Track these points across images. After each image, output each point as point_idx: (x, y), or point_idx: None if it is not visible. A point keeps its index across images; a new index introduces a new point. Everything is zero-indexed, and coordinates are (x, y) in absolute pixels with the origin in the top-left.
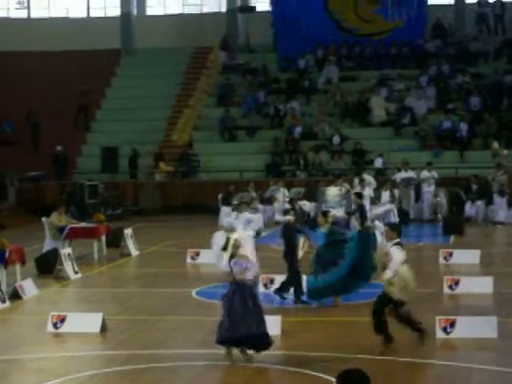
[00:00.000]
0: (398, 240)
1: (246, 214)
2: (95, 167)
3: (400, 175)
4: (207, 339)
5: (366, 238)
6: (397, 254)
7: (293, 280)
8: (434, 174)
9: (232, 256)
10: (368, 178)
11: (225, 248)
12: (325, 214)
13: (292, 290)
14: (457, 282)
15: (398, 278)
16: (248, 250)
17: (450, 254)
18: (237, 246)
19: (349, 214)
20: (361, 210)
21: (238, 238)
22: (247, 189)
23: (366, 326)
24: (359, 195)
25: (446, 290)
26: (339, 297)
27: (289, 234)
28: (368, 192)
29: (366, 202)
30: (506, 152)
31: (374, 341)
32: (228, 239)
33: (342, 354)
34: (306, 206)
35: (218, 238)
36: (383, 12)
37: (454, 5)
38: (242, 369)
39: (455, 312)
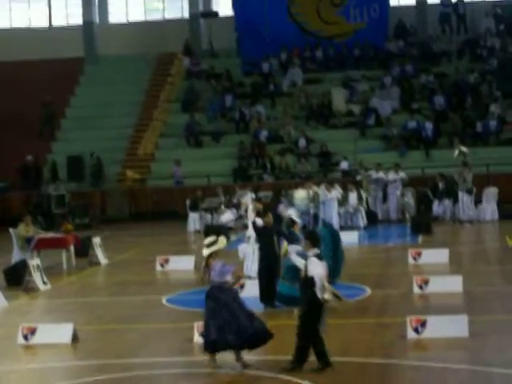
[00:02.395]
0: (317, 251)
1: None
2: (61, 176)
3: (371, 174)
4: (179, 347)
5: (336, 235)
6: (319, 269)
7: (261, 280)
8: (403, 174)
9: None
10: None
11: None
12: (293, 222)
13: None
14: (426, 282)
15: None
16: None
17: (419, 254)
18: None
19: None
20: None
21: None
22: (217, 193)
23: (339, 328)
24: None
25: (416, 290)
26: None
27: (267, 236)
28: (335, 194)
29: (334, 204)
30: (466, 150)
31: (343, 343)
32: (214, 241)
33: (313, 357)
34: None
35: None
36: (345, 14)
37: (416, 6)
38: (218, 375)
39: (426, 312)
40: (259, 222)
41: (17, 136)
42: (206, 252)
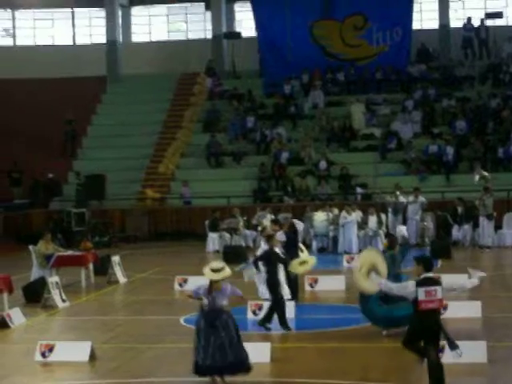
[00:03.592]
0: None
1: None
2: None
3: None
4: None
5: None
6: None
7: (276, 308)
8: (422, 199)
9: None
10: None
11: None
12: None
13: (276, 317)
14: (445, 307)
15: None
16: None
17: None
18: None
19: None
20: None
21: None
22: (234, 214)
23: (356, 352)
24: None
25: None
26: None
27: (271, 261)
28: (354, 217)
29: (353, 227)
30: (487, 174)
31: (362, 367)
32: (222, 268)
33: (332, 380)
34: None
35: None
36: (368, 37)
37: (439, 29)
38: None
39: (443, 337)
40: (263, 246)
41: (38, 154)
42: (215, 276)
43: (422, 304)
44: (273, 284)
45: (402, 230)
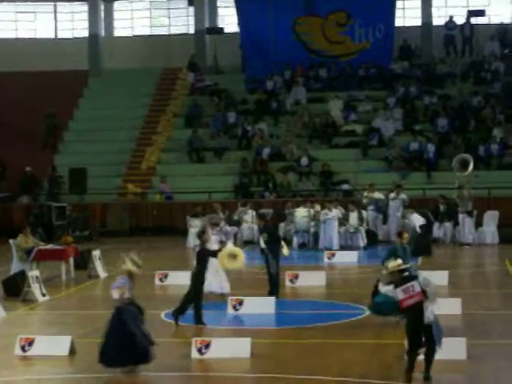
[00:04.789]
0: None
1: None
2: (63, 188)
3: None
4: (177, 362)
5: None
6: None
7: (193, 301)
8: (404, 196)
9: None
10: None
11: None
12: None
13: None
14: None
15: None
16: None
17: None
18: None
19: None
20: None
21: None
22: (215, 210)
23: (336, 348)
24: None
25: None
26: None
27: (203, 257)
28: (335, 213)
29: (334, 223)
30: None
31: (343, 363)
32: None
33: (312, 376)
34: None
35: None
36: (350, 34)
37: (421, 27)
38: None
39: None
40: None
41: (19, 147)
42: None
43: (403, 303)
44: (199, 279)
45: (414, 218)
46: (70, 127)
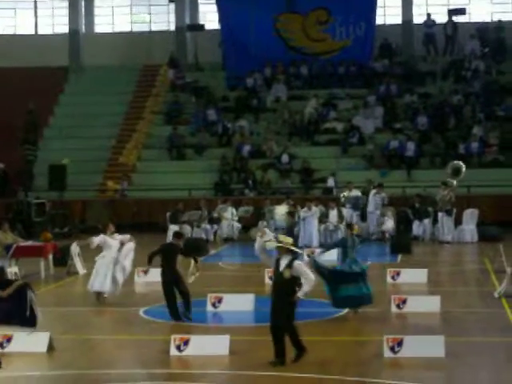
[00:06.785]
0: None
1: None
2: (43, 185)
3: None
4: (155, 359)
5: None
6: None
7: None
8: (383, 194)
9: None
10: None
11: None
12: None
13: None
14: (404, 301)
15: None
16: None
17: (398, 273)
18: None
19: None
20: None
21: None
22: (200, 206)
23: (314, 346)
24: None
25: (394, 309)
26: None
27: (174, 254)
28: (315, 211)
29: (314, 221)
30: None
31: (321, 360)
32: None
33: (290, 373)
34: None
35: None
36: (331, 31)
37: (402, 25)
38: None
39: (403, 331)
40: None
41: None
42: None
43: None
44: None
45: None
46: (51, 123)
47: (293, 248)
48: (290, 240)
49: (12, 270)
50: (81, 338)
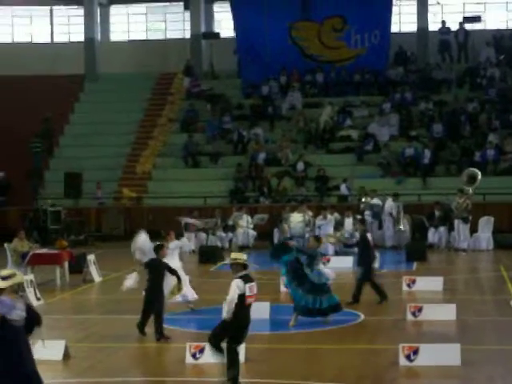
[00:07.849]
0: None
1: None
2: (58, 193)
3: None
4: (171, 367)
5: None
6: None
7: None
8: (399, 204)
9: None
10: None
11: None
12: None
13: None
14: (420, 309)
15: None
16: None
17: (413, 281)
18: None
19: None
20: None
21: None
22: (215, 215)
23: (330, 354)
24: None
25: (410, 317)
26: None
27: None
28: (331, 218)
29: (329, 229)
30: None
31: (337, 368)
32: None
33: (306, 381)
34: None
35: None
36: (346, 39)
37: (417, 33)
38: None
39: (418, 339)
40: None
41: (14, 151)
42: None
43: (247, 299)
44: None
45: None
46: (66, 131)
47: (246, 263)
48: (244, 256)
49: (28, 278)
50: (96, 345)
